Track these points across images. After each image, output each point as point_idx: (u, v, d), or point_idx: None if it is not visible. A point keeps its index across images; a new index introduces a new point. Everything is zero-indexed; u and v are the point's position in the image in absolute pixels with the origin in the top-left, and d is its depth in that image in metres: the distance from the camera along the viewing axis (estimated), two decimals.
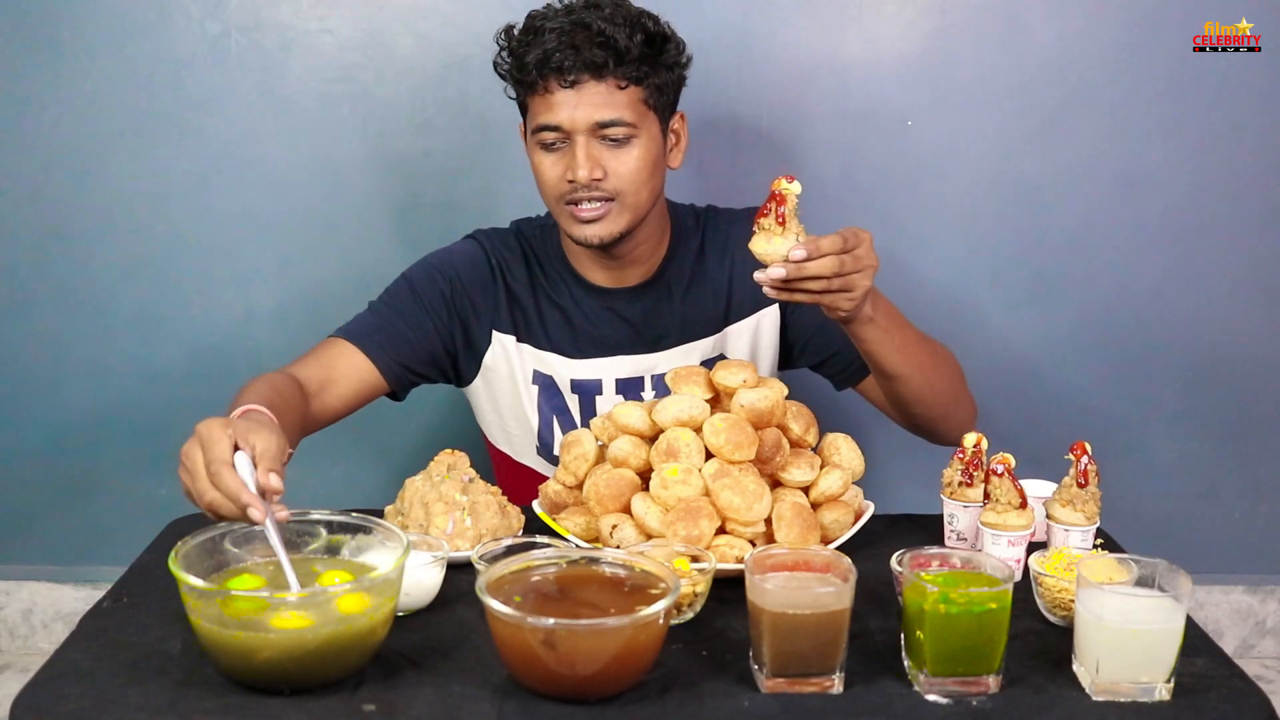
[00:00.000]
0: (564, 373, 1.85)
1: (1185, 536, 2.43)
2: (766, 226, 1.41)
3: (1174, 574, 1.22)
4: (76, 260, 2.31)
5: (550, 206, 1.77)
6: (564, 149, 1.71)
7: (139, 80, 2.23)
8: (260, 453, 1.26)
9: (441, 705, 1.17)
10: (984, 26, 2.23)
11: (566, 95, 1.68)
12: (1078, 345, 2.34)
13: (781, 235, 1.41)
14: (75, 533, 2.45)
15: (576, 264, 1.84)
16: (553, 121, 1.69)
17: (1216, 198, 2.29)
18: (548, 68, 1.67)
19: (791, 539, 1.43)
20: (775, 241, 1.41)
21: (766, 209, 1.41)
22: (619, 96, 1.69)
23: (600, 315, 1.84)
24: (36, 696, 1.18)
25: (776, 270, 1.40)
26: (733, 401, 1.53)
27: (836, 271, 1.41)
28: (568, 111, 1.68)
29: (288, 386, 1.60)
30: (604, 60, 1.66)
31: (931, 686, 1.20)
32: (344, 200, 2.29)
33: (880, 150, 2.27)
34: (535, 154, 1.74)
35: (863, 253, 1.43)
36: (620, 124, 1.69)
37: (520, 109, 1.78)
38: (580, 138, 1.69)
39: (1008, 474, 1.46)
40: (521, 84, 1.72)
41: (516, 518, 1.57)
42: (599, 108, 1.68)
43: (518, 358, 1.85)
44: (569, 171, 1.70)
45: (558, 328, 1.84)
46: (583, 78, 1.67)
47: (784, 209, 1.40)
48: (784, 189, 1.41)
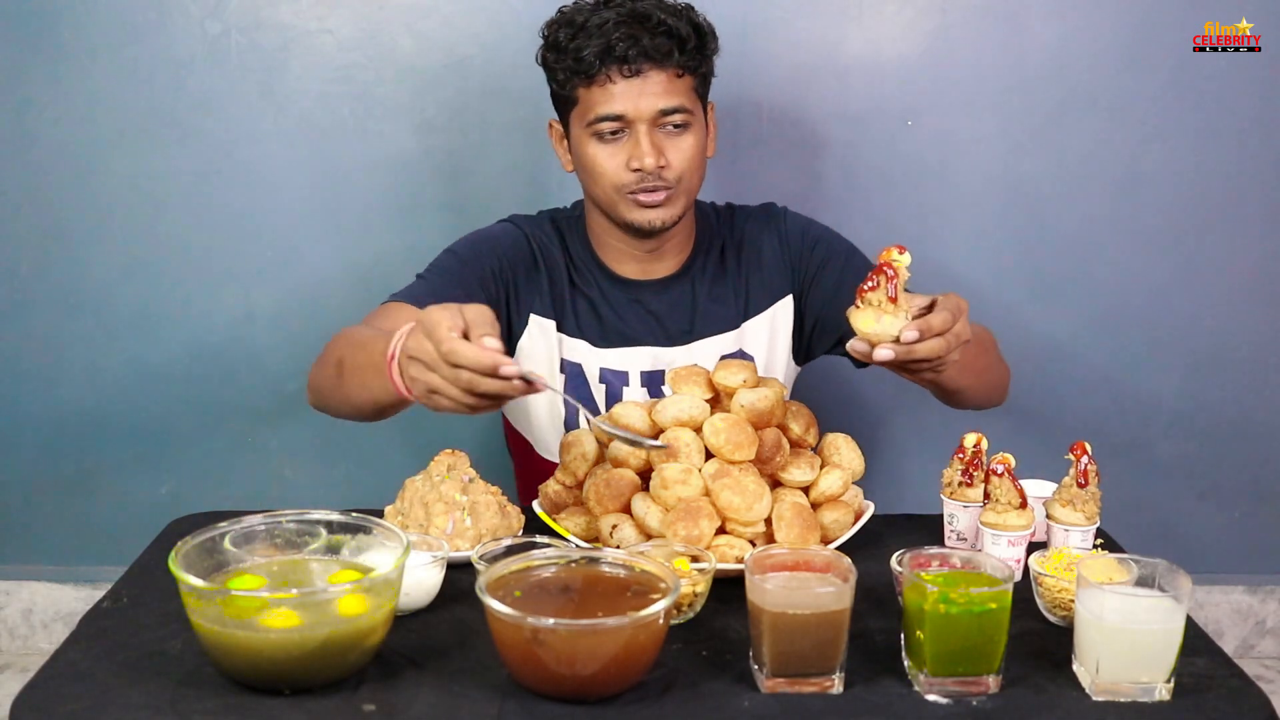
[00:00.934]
0: (592, 361, 1.84)
1: (1185, 536, 2.43)
2: (875, 302, 1.30)
3: (1174, 574, 1.22)
4: (76, 260, 2.31)
5: (606, 196, 1.75)
6: (623, 139, 1.71)
7: (139, 80, 2.23)
8: (471, 321, 1.24)
9: (441, 705, 1.17)
10: (984, 26, 2.23)
11: (629, 85, 1.68)
12: (1078, 345, 2.34)
13: (893, 314, 1.29)
14: (75, 533, 2.45)
15: (605, 256, 1.84)
16: (615, 111, 1.69)
17: (1216, 198, 2.29)
18: (611, 57, 1.66)
19: (791, 539, 1.43)
20: (886, 320, 1.29)
21: (875, 282, 1.29)
22: (678, 85, 1.70)
23: (626, 307, 1.84)
24: (36, 696, 1.18)
25: (884, 352, 1.30)
26: (733, 401, 1.54)
27: (943, 353, 1.32)
28: (631, 101, 1.68)
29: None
30: (668, 49, 1.68)
31: (931, 686, 1.20)
32: (344, 200, 2.29)
33: (880, 150, 2.27)
34: (589, 145, 1.73)
35: (961, 327, 1.34)
36: (681, 110, 1.71)
37: (563, 104, 1.76)
38: (643, 126, 1.69)
39: (1008, 474, 1.46)
40: (578, 75, 1.70)
41: (516, 518, 1.57)
42: (661, 96, 1.69)
43: (554, 343, 1.84)
44: (633, 160, 1.70)
45: (587, 317, 1.84)
46: (645, 67, 1.67)
47: (895, 283, 1.29)
48: (895, 260, 1.29)
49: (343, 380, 1.53)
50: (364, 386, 1.46)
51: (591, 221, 1.84)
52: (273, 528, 1.32)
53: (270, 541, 1.31)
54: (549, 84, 1.77)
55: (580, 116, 1.73)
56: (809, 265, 1.85)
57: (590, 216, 1.84)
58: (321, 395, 1.64)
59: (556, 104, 1.78)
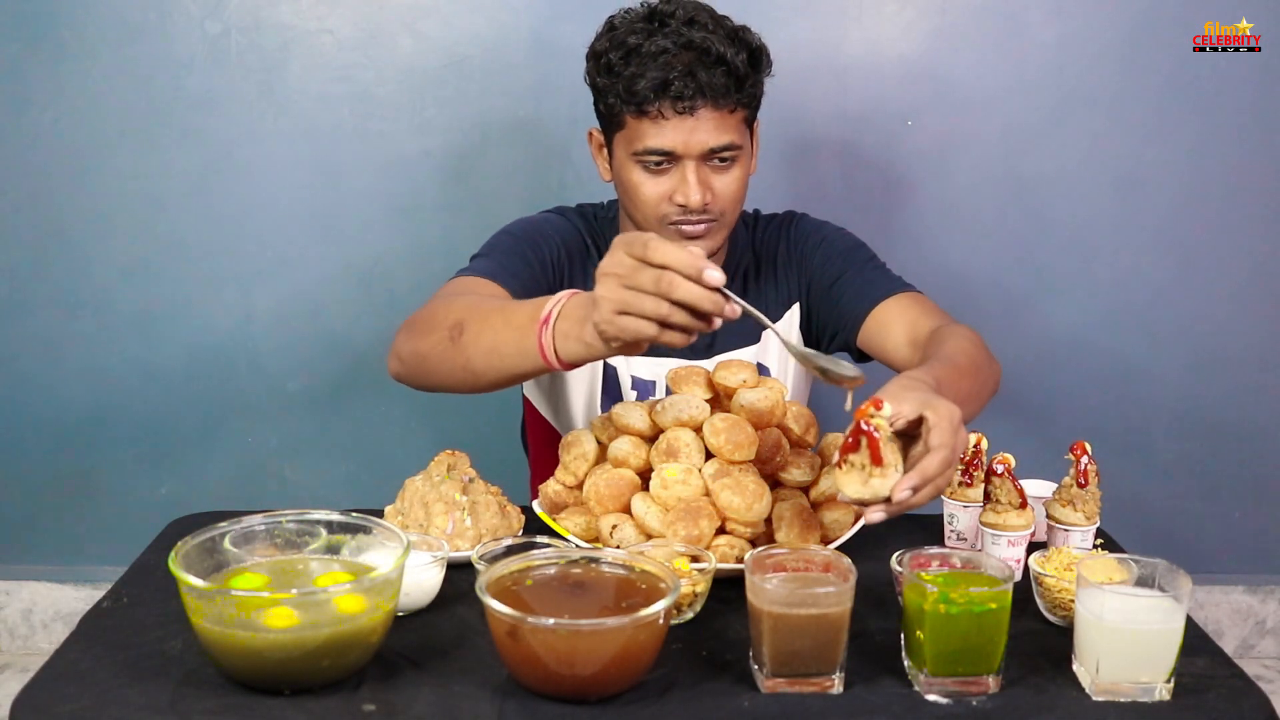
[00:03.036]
0: (624, 369, 1.82)
1: (1185, 536, 2.43)
2: (859, 465, 1.21)
3: (1174, 574, 1.22)
4: (76, 260, 2.31)
5: (645, 222, 1.70)
6: (668, 170, 1.66)
7: (139, 80, 2.23)
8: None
9: (441, 705, 1.17)
10: (984, 26, 2.23)
11: (681, 121, 1.62)
12: (1078, 345, 2.34)
13: (880, 476, 1.20)
14: (75, 533, 2.45)
15: None
16: (665, 147, 1.63)
17: (1216, 198, 2.29)
18: (666, 93, 1.60)
19: (791, 539, 1.43)
20: (874, 483, 1.21)
21: (856, 443, 1.20)
22: (729, 121, 1.65)
23: None
24: (36, 696, 1.17)
25: (877, 515, 1.22)
26: (733, 401, 1.53)
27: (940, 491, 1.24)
28: (681, 137, 1.63)
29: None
30: (724, 88, 1.61)
31: (931, 686, 1.20)
32: (344, 200, 2.29)
33: (880, 150, 2.27)
34: (633, 173, 1.68)
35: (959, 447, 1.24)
36: (731, 148, 1.66)
37: (608, 121, 1.71)
38: (691, 163, 1.64)
39: (1008, 474, 1.46)
40: (629, 104, 1.63)
41: (516, 518, 1.57)
42: (713, 134, 1.63)
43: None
44: (678, 194, 1.65)
45: None
46: (699, 105, 1.61)
47: (879, 447, 1.20)
48: (876, 422, 1.20)
49: (461, 345, 1.42)
50: (496, 354, 1.37)
51: (626, 229, 1.79)
52: (273, 528, 1.32)
53: (270, 541, 1.31)
54: (595, 99, 1.71)
55: (626, 142, 1.67)
56: (810, 267, 1.84)
57: (625, 225, 1.80)
58: (423, 361, 1.49)
59: (600, 118, 1.73)
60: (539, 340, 1.28)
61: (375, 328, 2.30)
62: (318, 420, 2.37)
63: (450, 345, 1.43)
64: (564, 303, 1.28)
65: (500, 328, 1.37)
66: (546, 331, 1.28)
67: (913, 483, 1.19)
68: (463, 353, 1.42)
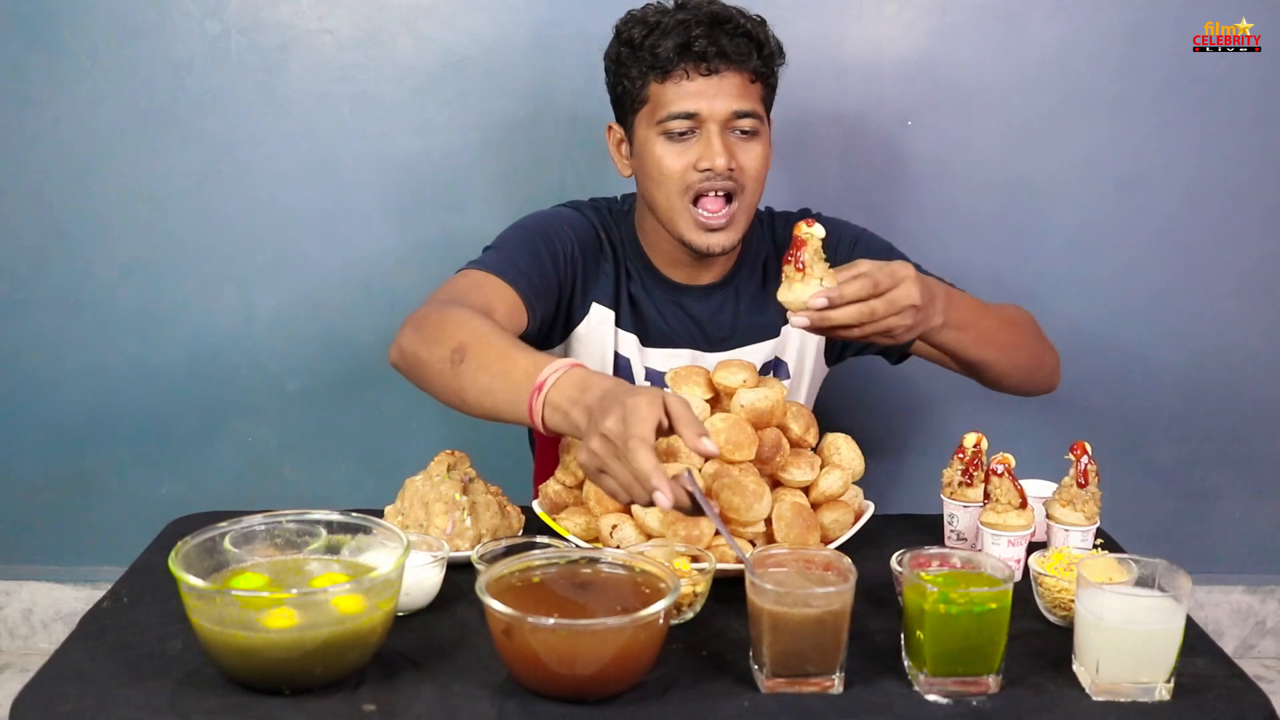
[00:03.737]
0: (638, 359, 1.83)
1: (1185, 536, 2.43)
2: (789, 274, 1.38)
3: (1174, 574, 1.22)
4: (76, 260, 2.31)
5: (668, 203, 1.71)
6: (691, 140, 1.68)
7: (139, 80, 2.23)
8: (677, 417, 1.24)
9: (441, 705, 1.17)
10: (984, 26, 2.23)
11: (705, 83, 1.66)
12: (1077, 345, 2.34)
13: (802, 282, 1.37)
14: (75, 533, 2.45)
15: (654, 256, 1.82)
16: (689, 109, 1.66)
17: (1216, 198, 2.29)
18: (689, 54, 1.65)
19: (791, 539, 1.43)
20: (796, 289, 1.37)
21: (789, 256, 1.37)
22: (751, 90, 1.69)
23: (670, 309, 1.82)
24: (36, 696, 1.17)
25: (799, 320, 1.38)
26: (733, 401, 1.53)
27: (863, 320, 1.38)
28: (705, 100, 1.66)
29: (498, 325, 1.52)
30: (746, 50, 1.66)
31: (931, 686, 1.20)
32: (344, 200, 2.29)
33: (880, 150, 2.27)
34: (656, 145, 1.69)
35: (899, 294, 1.40)
36: (753, 115, 1.69)
37: (629, 104, 1.73)
38: (714, 126, 1.67)
39: (1008, 474, 1.46)
40: (654, 70, 1.67)
41: (516, 518, 1.57)
42: (736, 98, 1.67)
43: (609, 334, 1.81)
44: (702, 160, 1.67)
45: (636, 313, 1.82)
46: (722, 66, 1.65)
47: (803, 255, 1.36)
48: (804, 234, 1.37)
49: (459, 373, 1.45)
50: (488, 395, 1.41)
51: (644, 222, 1.81)
52: (273, 528, 1.32)
53: (270, 541, 1.31)
54: (614, 86, 1.74)
55: (649, 115, 1.70)
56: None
57: (643, 218, 1.81)
58: (422, 369, 1.51)
59: (620, 106, 1.75)
60: (529, 403, 1.34)
61: (375, 328, 2.30)
62: (318, 420, 2.37)
63: (449, 369, 1.46)
64: (560, 375, 1.32)
65: (498, 375, 1.40)
66: (538, 398, 1.33)
67: (829, 295, 1.36)
68: (458, 381, 1.45)
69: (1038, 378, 1.79)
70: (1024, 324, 1.78)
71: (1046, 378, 1.82)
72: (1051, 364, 1.82)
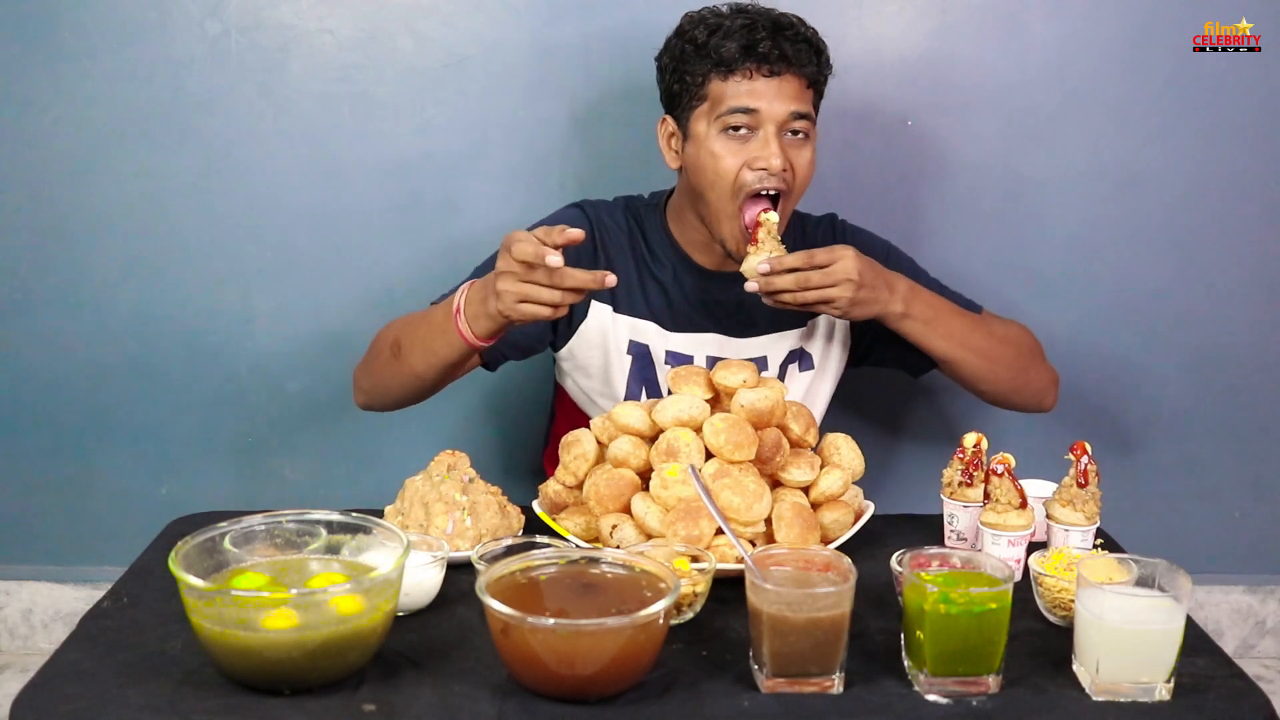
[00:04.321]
0: (659, 344, 1.87)
1: (1185, 536, 2.43)
2: (748, 250, 1.71)
3: (1174, 574, 1.23)
4: (76, 260, 2.31)
5: (718, 203, 1.75)
6: (749, 140, 1.73)
7: (139, 80, 2.23)
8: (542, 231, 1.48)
9: (441, 705, 1.17)
10: (984, 26, 2.23)
11: (766, 84, 1.72)
12: (1077, 345, 2.34)
13: (754, 253, 1.69)
14: (75, 533, 2.45)
15: (685, 245, 1.87)
16: (751, 105, 1.71)
17: (1216, 198, 2.29)
18: (753, 54, 1.71)
19: (791, 539, 1.44)
20: (750, 260, 1.69)
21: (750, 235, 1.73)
22: (807, 94, 1.76)
23: (698, 295, 1.87)
24: (36, 696, 1.18)
25: (750, 285, 1.67)
26: (733, 401, 1.54)
27: (800, 286, 1.63)
28: (766, 100, 1.72)
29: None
30: (806, 56, 1.73)
31: (931, 686, 1.20)
32: (344, 200, 2.29)
33: (880, 150, 2.27)
34: (714, 141, 1.74)
35: (837, 269, 1.62)
36: (808, 118, 1.75)
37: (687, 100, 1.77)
38: (771, 127, 1.72)
39: (1008, 474, 1.46)
40: (718, 67, 1.72)
41: (516, 518, 1.57)
42: (794, 100, 1.73)
43: (613, 328, 1.86)
44: (758, 160, 1.71)
45: (657, 299, 1.87)
46: (783, 69, 1.72)
47: (759, 234, 1.70)
48: (761, 219, 1.71)
49: (402, 357, 1.71)
50: (429, 352, 1.66)
51: (682, 213, 1.85)
52: (273, 528, 1.32)
53: (270, 541, 1.31)
54: (671, 82, 1.79)
55: (709, 111, 1.74)
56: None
57: (681, 209, 1.85)
58: (378, 382, 1.79)
59: (677, 101, 1.79)
60: (457, 328, 1.59)
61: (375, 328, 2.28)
62: (318, 420, 2.37)
63: (394, 360, 1.72)
64: (465, 293, 1.59)
65: (426, 331, 1.66)
66: (460, 319, 1.59)
67: (770, 262, 1.64)
68: (405, 362, 1.70)
69: (1024, 393, 1.85)
70: (1014, 340, 1.85)
71: (1035, 395, 1.87)
72: (1041, 383, 1.86)
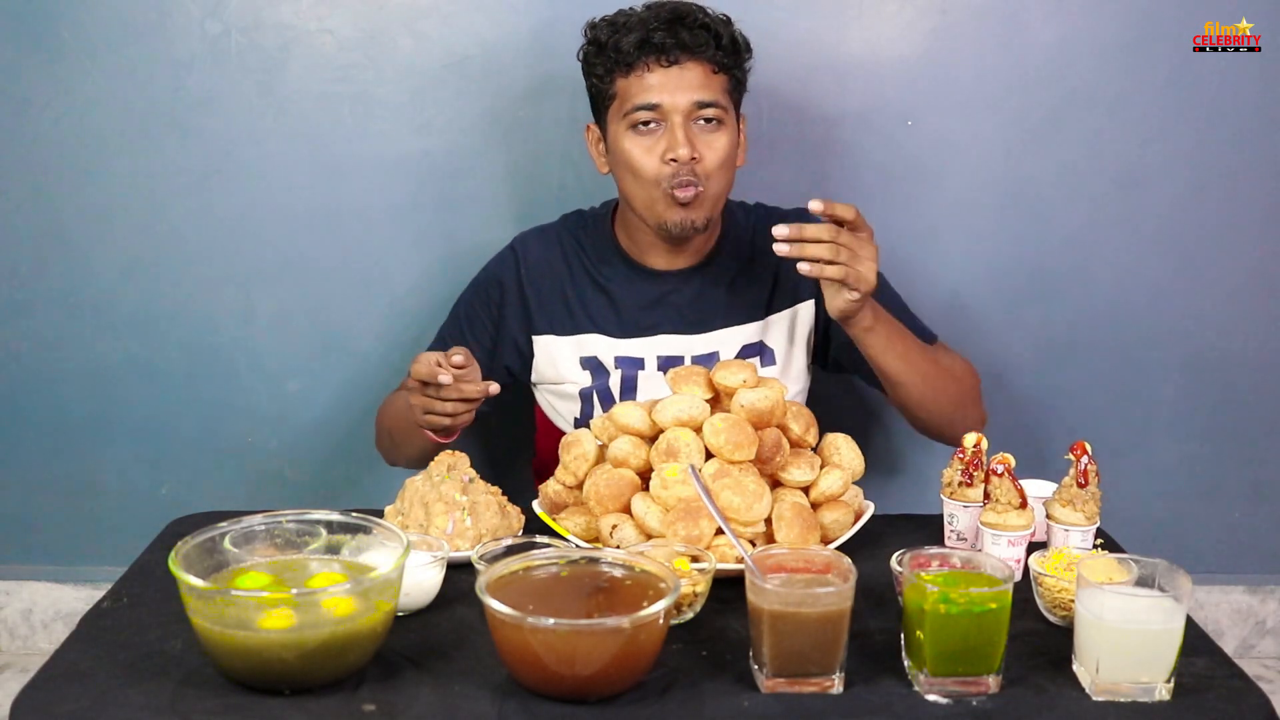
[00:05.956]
0: (607, 351, 1.89)
1: (1185, 536, 2.43)
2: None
3: (1174, 574, 1.23)
4: (76, 260, 2.31)
5: (645, 195, 1.78)
6: (658, 132, 1.75)
7: (139, 80, 2.23)
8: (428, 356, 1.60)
9: (441, 705, 1.17)
10: (984, 26, 2.23)
11: (666, 75, 1.73)
12: (1078, 345, 2.34)
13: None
14: (75, 533, 2.45)
15: (632, 249, 1.89)
16: (651, 100, 1.73)
17: (1216, 198, 2.28)
18: (649, 47, 1.73)
19: (791, 539, 1.44)
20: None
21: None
22: (713, 80, 1.76)
23: (648, 297, 1.88)
24: (36, 696, 1.18)
25: (781, 229, 1.57)
26: (733, 401, 1.54)
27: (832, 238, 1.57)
28: (667, 92, 1.73)
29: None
30: (704, 42, 1.74)
31: (931, 686, 1.20)
32: (344, 200, 2.29)
33: (880, 150, 2.26)
34: (625, 140, 1.77)
35: (866, 237, 1.61)
36: (715, 105, 1.75)
37: (602, 102, 1.81)
38: (677, 118, 1.73)
39: (1008, 474, 1.46)
40: (618, 66, 1.75)
41: (516, 518, 1.57)
42: (697, 88, 1.74)
43: (560, 350, 1.90)
44: (668, 152, 1.73)
45: (602, 310, 1.89)
46: (682, 58, 1.73)
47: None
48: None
49: (397, 446, 1.93)
50: (411, 445, 1.85)
51: (625, 217, 1.88)
52: (273, 528, 1.32)
53: (270, 541, 1.31)
54: (589, 85, 1.83)
55: (618, 110, 1.77)
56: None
57: (623, 213, 1.88)
58: (390, 456, 1.99)
59: (596, 105, 1.84)
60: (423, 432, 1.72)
61: (375, 328, 2.30)
62: (318, 420, 2.37)
63: (392, 447, 1.95)
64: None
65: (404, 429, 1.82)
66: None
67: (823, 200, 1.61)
68: (398, 450, 1.94)
69: (955, 428, 1.79)
70: (959, 375, 1.86)
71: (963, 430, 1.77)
72: (971, 422, 1.82)
